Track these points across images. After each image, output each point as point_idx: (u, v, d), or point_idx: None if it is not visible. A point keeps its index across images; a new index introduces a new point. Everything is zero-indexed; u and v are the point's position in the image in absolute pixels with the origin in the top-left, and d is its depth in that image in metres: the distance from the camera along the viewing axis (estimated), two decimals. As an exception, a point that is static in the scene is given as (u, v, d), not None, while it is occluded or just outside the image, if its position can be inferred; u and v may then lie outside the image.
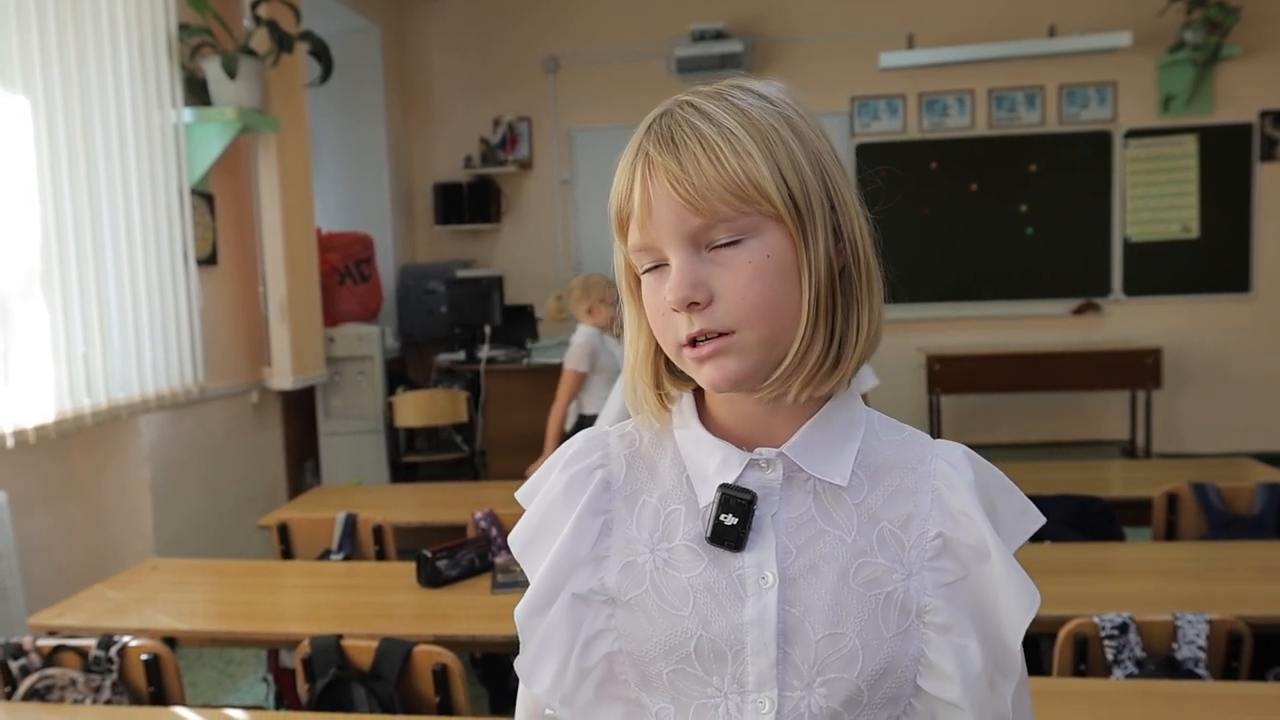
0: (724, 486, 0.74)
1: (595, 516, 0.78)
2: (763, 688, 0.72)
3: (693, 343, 0.71)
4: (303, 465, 5.14)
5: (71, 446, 3.52)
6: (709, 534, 0.73)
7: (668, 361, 0.77)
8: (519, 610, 0.78)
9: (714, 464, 0.75)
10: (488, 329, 5.59)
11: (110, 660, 1.93)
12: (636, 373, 0.79)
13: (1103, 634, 1.83)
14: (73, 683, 1.92)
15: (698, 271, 0.70)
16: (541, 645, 0.77)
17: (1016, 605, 0.72)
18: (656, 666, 0.74)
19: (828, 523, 0.74)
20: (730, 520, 0.73)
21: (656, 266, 0.73)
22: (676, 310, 0.71)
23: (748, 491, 0.73)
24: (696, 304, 0.70)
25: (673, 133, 0.71)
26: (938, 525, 0.74)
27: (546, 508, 0.80)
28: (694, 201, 0.69)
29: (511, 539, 0.81)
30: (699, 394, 0.79)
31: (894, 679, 0.73)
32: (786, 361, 0.71)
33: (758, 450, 0.75)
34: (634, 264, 0.76)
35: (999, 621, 0.73)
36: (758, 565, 0.73)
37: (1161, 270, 6.03)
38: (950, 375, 5.72)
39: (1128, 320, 6.09)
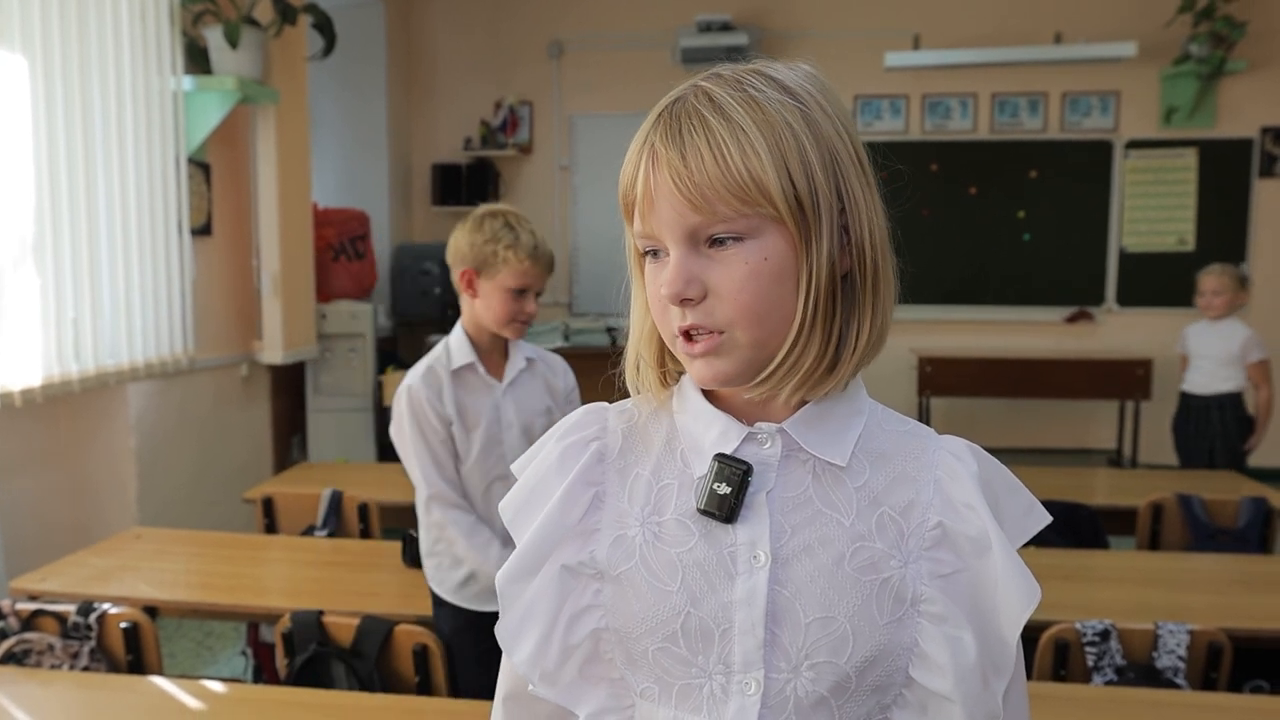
0: (719, 456, 0.73)
1: (587, 488, 0.77)
2: (749, 669, 0.71)
3: (686, 335, 0.71)
4: (290, 440, 5.13)
5: (58, 412, 3.50)
6: (701, 503, 0.73)
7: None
8: (501, 575, 0.77)
9: (712, 435, 0.75)
10: (481, 311, 5.57)
11: (89, 627, 1.92)
12: (640, 349, 0.78)
13: (1084, 640, 1.83)
14: (50, 648, 1.91)
15: (693, 268, 0.70)
16: (525, 613, 0.76)
17: (1015, 600, 0.71)
18: (642, 644, 0.74)
19: (826, 504, 0.73)
20: (723, 489, 0.72)
21: (658, 253, 0.73)
22: (671, 304, 0.71)
23: (743, 462, 0.72)
24: (690, 300, 0.70)
25: (680, 124, 0.69)
26: (938, 514, 0.73)
27: (539, 477, 0.79)
28: (694, 199, 0.68)
29: (502, 506, 0.81)
30: None
31: (884, 667, 0.72)
32: (777, 362, 0.71)
33: (758, 424, 0.74)
34: (638, 247, 0.75)
35: (996, 615, 0.72)
36: (750, 543, 0.72)
37: (1156, 281, 6.04)
38: (941, 378, 5.73)
39: (1120, 330, 6.11)
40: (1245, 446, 4.13)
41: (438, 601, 2.03)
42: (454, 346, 1.98)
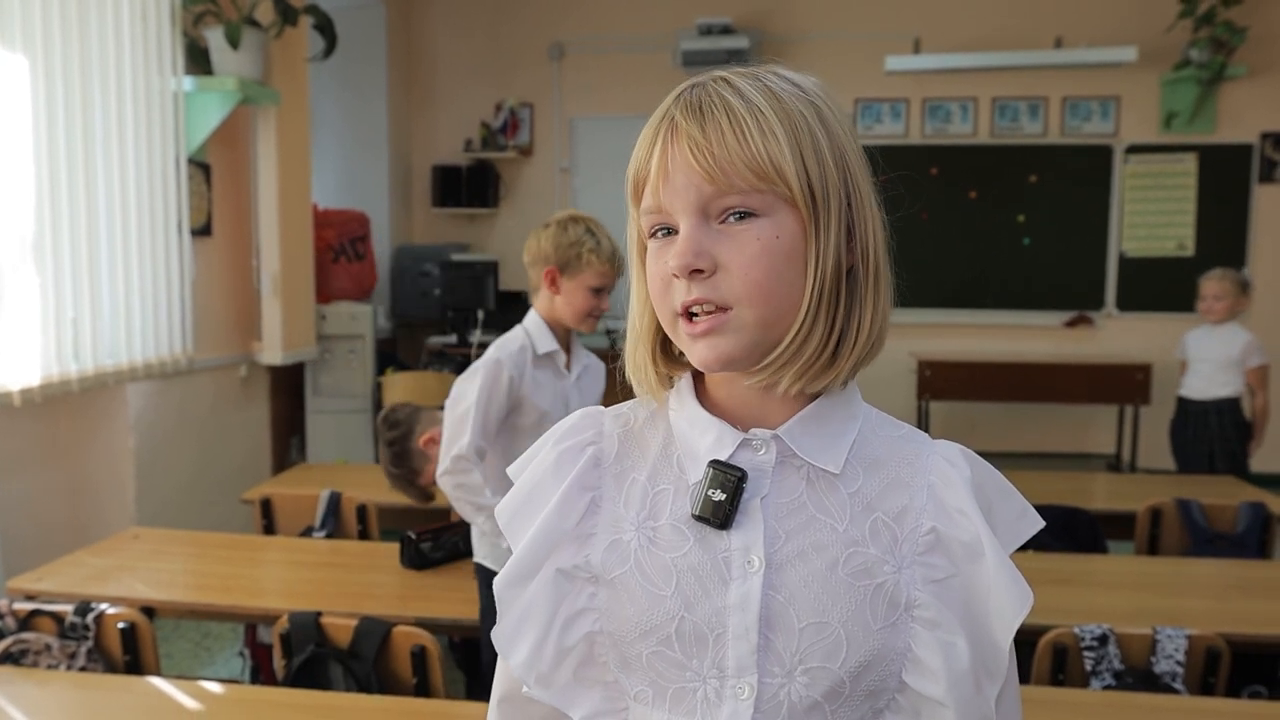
0: (714, 462, 0.73)
1: (583, 493, 0.78)
2: (742, 673, 0.71)
3: (689, 316, 0.71)
4: (288, 441, 5.12)
5: (58, 411, 3.50)
6: (696, 510, 0.73)
7: (664, 342, 0.77)
8: (499, 580, 0.77)
9: (707, 442, 0.75)
10: (481, 314, 5.58)
11: (86, 627, 1.92)
12: (639, 344, 0.78)
13: (1082, 645, 1.83)
14: (47, 648, 1.90)
15: (704, 240, 0.70)
16: (521, 617, 0.76)
17: (1008, 605, 0.71)
18: (636, 648, 0.74)
19: (819, 510, 0.73)
20: (718, 496, 0.72)
21: (665, 233, 0.73)
22: (678, 276, 0.71)
23: (738, 468, 0.72)
24: (699, 272, 0.70)
25: (701, 103, 0.71)
26: (932, 520, 0.74)
27: (536, 481, 0.80)
28: (711, 171, 0.69)
29: (498, 510, 0.81)
30: (698, 375, 0.79)
31: (878, 672, 0.72)
32: (781, 348, 0.71)
33: (752, 430, 0.74)
34: (643, 229, 0.75)
35: (989, 621, 0.72)
36: (744, 548, 0.72)
37: (1156, 287, 6.04)
38: (941, 381, 5.73)
39: (1120, 335, 6.11)
40: (1247, 453, 4.13)
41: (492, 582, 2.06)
42: (536, 334, 2.17)
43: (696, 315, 0.71)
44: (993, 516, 0.75)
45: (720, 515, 0.72)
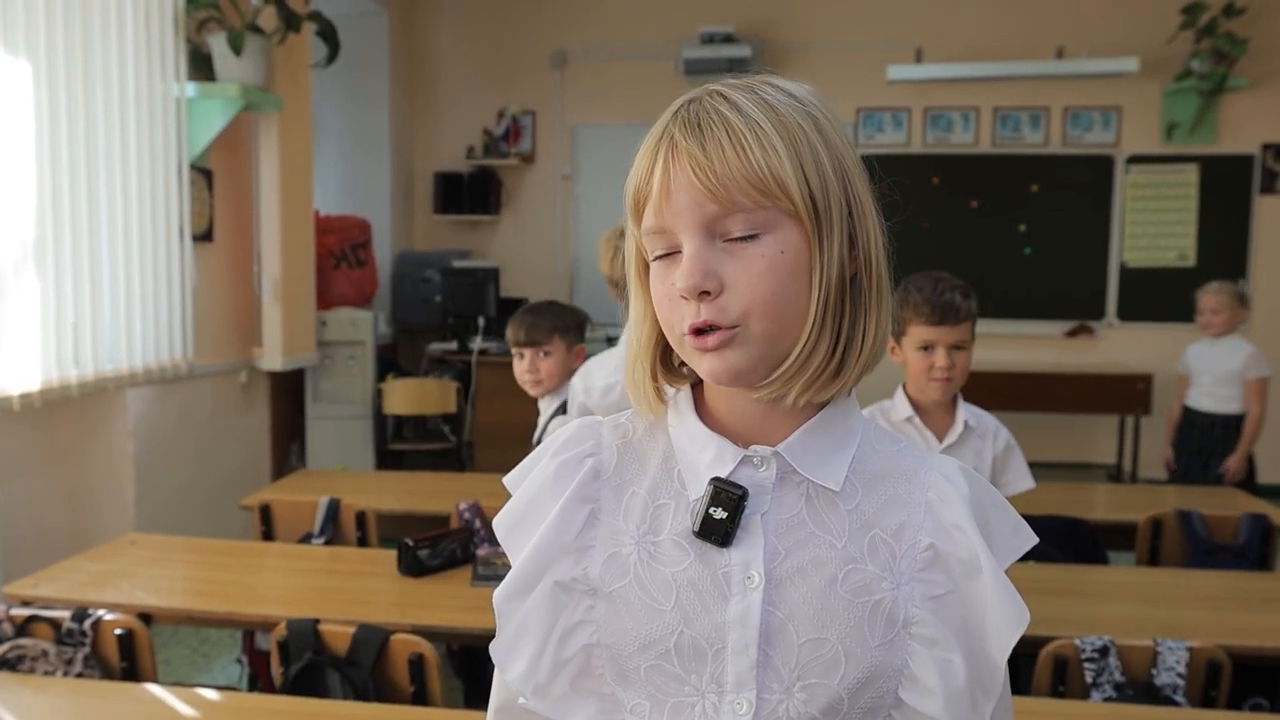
0: (715, 480, 0.73)
1: (582, 505, 0.77)
2: (741, 689, 0.71)
3: (697, 331, 0.70)
4: (288, 447, 5.12)
5: (57, 416, 3.49)
6: (697, 527, 0.73)
7: (664, 355, 0.77)
8: (498, 593, 0.77)
9: (707, 458, 0.75)
10: (481, 320, 5.58)
11: (84, 633, 1.91)
12: (637, 361, 0.78)
13: (1083, 656, 1.82)
14: (44, 654, 1.90)
15: (710, 260, 0.70)
16: (519, 630, 0.76)
17: (1004, 622, 0.71)
18: (635, 661, 0.74)
19: (819, 526, 0.73)
20: (720, 514, 0.72)
21: (668, 255, 0.72)
22: (686, 298, 0.70)
23: (739, 486, 0.72)
24: (706, 293, 0.69)
25: (700, 119, 0.70)
26: (930, 536, 0.74)
27: (534, 493, 0.79)
28: (714, 189, 0.68)
29: (496, 522, 0.80)
30: (697, 388, 0.79)
31: (875, 689, 0.72)
32: (789, 361, 0.71)
33: (753, 447, 0.74)
34: (645, 248, 0.75)
35: (985, 638, 0.72)
36: (744, 564, 0.72)
37: (1157, 297, 6.04)
38: (941, 390, 5.72)
39: (1120, 345, 6.10)
40: (1222, 468, 4.10)
41: None
42: None
43: (705, 331, 0.70)
44: (989, 533, 0.75)
45: (721, 533, 0.72)
